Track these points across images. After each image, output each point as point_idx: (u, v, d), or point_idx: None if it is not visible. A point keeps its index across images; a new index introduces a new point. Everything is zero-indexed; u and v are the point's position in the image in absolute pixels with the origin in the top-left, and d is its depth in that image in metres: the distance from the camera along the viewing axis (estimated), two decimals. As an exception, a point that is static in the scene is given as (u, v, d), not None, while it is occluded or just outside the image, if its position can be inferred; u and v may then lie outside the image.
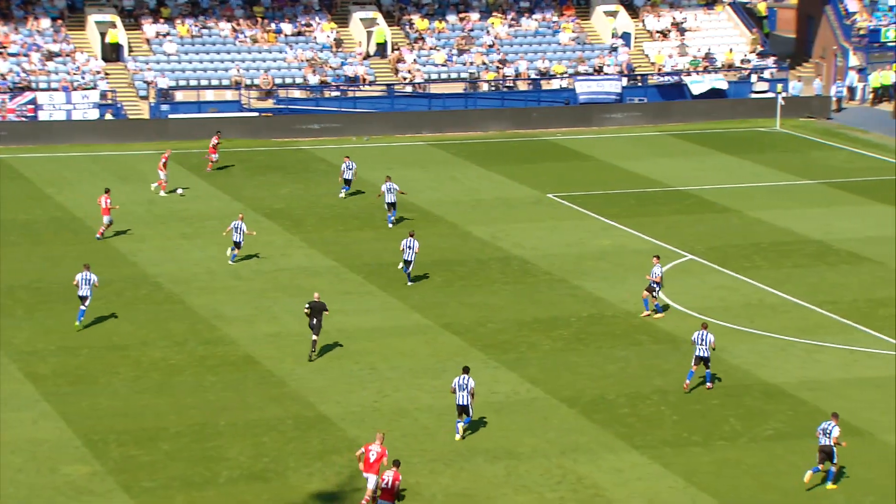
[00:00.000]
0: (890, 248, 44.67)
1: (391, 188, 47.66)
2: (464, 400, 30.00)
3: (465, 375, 30.23)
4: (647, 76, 69.02)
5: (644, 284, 38.66)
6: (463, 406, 30.09)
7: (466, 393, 29.98)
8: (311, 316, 35.03)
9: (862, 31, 70.11)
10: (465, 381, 30.10)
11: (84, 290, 36.88)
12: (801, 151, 60.13)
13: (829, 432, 28.25)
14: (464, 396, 29.99)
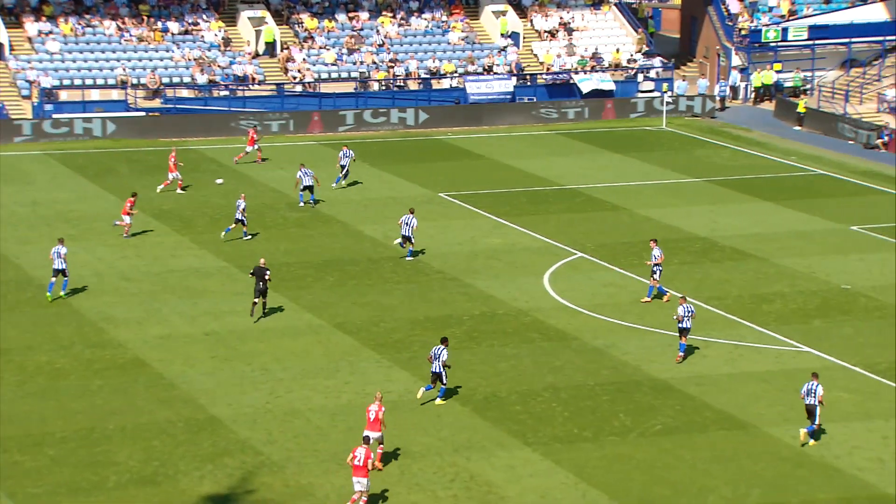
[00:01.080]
0: (773, 245, 45.61)
1: (307, 173, 49.58)
2: (438, 368, 31.92)
3: (440, 346, 32.09)
4: (537, 76, 69.59)
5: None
6: (437, 374, 31.97)
7: (439, 362, 31.85)
8: (256, 280, 37.57)
9: (744, 32, 71.48)
10: (440, 350, 31.95)
11: (58, 264, 38.58)
12: (687, 150, 61.12)
13: (814, 392, 29.76)
14: (437, 365, 31.89)
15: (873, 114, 65.05)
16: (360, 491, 26.72)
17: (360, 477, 26.66)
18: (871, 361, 34.87)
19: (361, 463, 26.62)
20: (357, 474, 26.69)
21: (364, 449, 26.91)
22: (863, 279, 41.80)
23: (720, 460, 29.31)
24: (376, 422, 28.66)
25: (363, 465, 26.59)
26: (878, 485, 28.06)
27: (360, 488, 26.69)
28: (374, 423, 28.67)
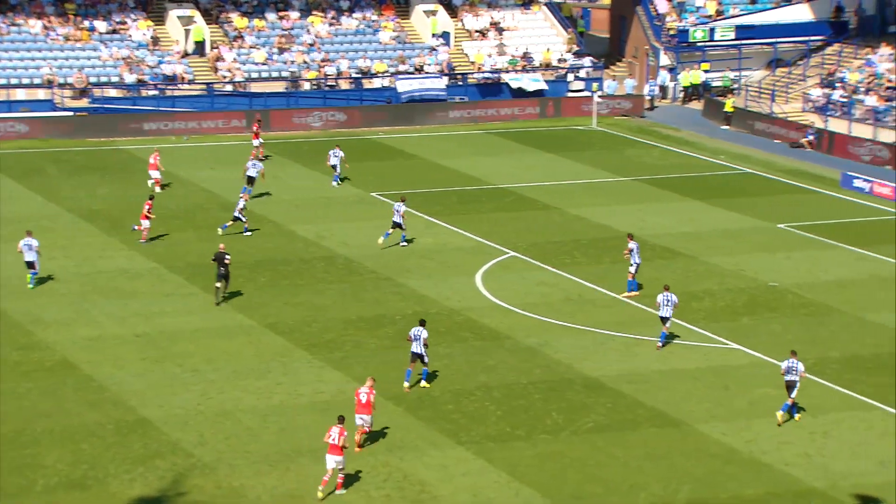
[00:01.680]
0: (702, 243, 46.07)
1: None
2: (418, 349, 32.74)
3: (419, 327, 32.91)
4: (468, 75, 69.73)
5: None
6: (417, 354, 32.77)
7: (420, 343, 32.70)
8: (217, 265, 38.71)
9: (672, 32, 72.12)
10: (419, 332, 32.75)
11: (29, 256, 39.19)
12: (617, 149, 61.55)
13: (795, 369, 30.97)
14: (417, 345, 32.74)
15: (799, 113, 65.92)
16: (332, 468, 27.48)
17: (336, 455, 27.42)
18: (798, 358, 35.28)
19: (337, 442, 27.36)
20: (332, 452, 27.43)
21: (338, 428, 27.55)
22: (790, 277, 42.35)
23: (651, 457, 29.55)
24: (367, 405, 29.36)
25: (338, 443, 27.34)
26: (805, 479, 28.44)
27: (332, 465, 27.48)
28: (364, 406, 29.39)
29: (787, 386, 31.25)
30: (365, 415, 29.43)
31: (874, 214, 50.20)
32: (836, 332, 37.25)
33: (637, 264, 40.10)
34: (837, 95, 64.73)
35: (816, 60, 70.16)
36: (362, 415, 29.42)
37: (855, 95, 63.99)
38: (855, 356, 35.49)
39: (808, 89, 67.57)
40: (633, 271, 40.11)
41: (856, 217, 49.78)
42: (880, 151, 58.17)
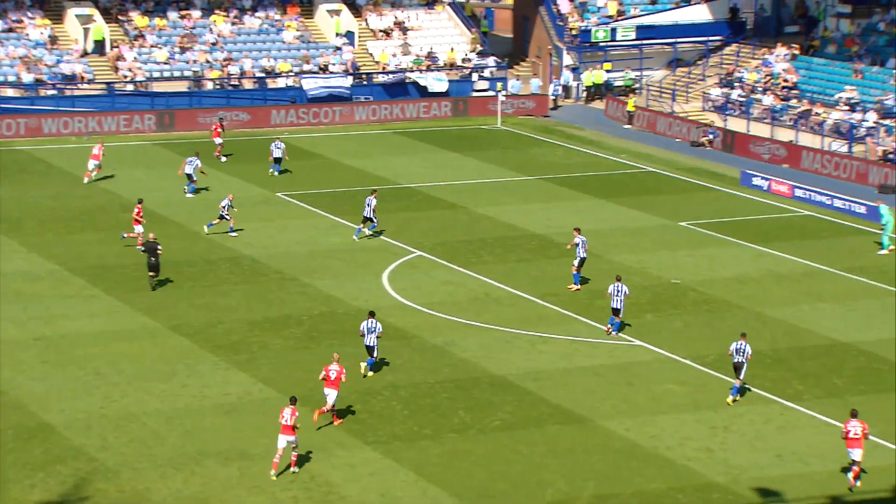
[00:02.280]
0: (606, 241, 46.56)
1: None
2: (371, 342, 33.65)
3: (371, 319, 33.84)
4: (373, 75, 69.71)
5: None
6: (370, 347, 33.74)
7: (374, 336, 33.62)
8: (148, 255, 39.82)
9: (574, 32, 72.78)
10: (374, 324, 33.70)
11: None
12: (522, 148, 61.94)
13: (743, 350, 32.32)
14: (372, 339, 33.61)
15: (699, 112, 66.91)
16: (282, 448, 28.47)
17: (288, 435, 28.43)
18: (700, 354, 35.90)
19: (289, 422, 28.40)
20: (284, 432, 28.41)
21: (290, 409, 28.51)
22: (692, 274, 42.98)
23: (557, 454, 29.83)
24: (336, 381, 30.69)
25: (290, 423, 28.39)
26: (707, 474, 28.91)
27: (283, 445, 28.49)
28: (333, 382, 30.70)
29: (735, 367, 32.56)
30: (332, 390, 30.74)
31: (772, 212, 51.15)
32: (736, 328, 37.86)
33: (582, 258, 40.66)
34: (736, 95, 65.81)
35: (715, 60, 71.26)
36: (331, 390, 30.74)
37: (753, 95, 65.12)
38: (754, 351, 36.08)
39: (707, 89, 68.61)
40: (576, 265, 40.74)
41: (755, 215, 50.67)
42: (778, 150, 59.27)
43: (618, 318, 37.02)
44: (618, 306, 36.73)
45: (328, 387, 30.80)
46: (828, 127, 59.90)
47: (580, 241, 40.72)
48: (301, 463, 28.91)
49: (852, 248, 45.89)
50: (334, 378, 30.74)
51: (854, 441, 28.19)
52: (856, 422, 28.44)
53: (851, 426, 28.40)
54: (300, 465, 28.72)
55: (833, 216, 50.11)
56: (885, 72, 62.15)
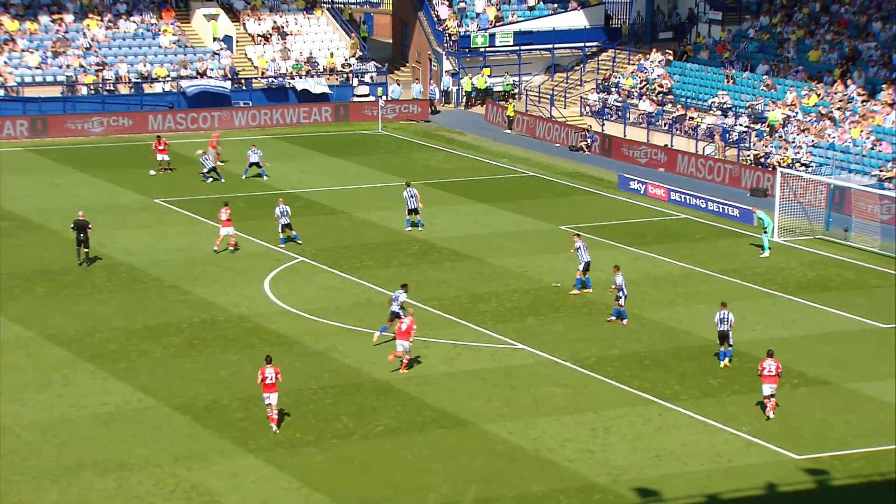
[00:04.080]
0: (487, 245, 46.85)
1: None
2: (396, 308, 36.07)
3: (401, 290, 36.57)
4: (252, 79, 69.20)
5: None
6: (395, 313, 35.94)
7: (398, 303, 36.02)
8: (78, 232, 41.74)
9: (454, 37, 73.13)
10: (400, 294, 36.35)
11: None
12: (403, 153, 62.03)
13: (727, 319, 34.70)
14: (396, 305, 36.06)
15: (577, 117, 67.72)
16: (273, 404, 30.77)
17: (270, 393, 30.63)
18: (581, 356, 36.31)
19: (273, 381, 30.58)
20: (267, 391, 30.63)
21: (272, 368, 30.63)
22: (572, 277, 43.41)
23: (439, 458, 29.92)
24: (408, 332, 33.95)
25: (273, 381, 30.57)
26: (588, 475, 29.24)
27: (272, 402, 30.70)
28: (404, 333, 33.94)
29: (721, 336, 34.99)
30: (403, 341, 33.96)
31: (649, 215, 51.97)
32: (616, 330, 38.40)
33: (586, 262, 40.90)
34: (613, 100, 66.75)
35: (592, 66, 72.19)
36: (402, 341, 33.98)
37: (629, 100, 66.11)
38: (633, 353, 36.67)
39: (585, 94, 69.47)
40: (581, 269, 41.06)
41: (632, 218, 51.43)
42: (656, 154, 60.25)
43: (619, 305, 38.22)
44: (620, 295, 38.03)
45: (399, 338, 34.10)
46: (702, 131, 61.08)
47: (581, 246, 41.02)
48: (279, 420, 31.04)
49: (727, 251, 46.81)
50: (405, 329, 33.87)
51: (769, 378, 31.70)
52: (771, 360, 31.80)
53: (766, 364, 31.77)
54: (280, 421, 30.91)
55: (708, 219, 51.08)
56: (755, 77, 63.61)
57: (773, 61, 64.21)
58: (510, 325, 38.59)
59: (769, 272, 44.08)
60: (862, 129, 56.19)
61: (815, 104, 59.37)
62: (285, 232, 45.83)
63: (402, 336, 34.26)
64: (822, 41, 63.95)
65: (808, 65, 62.77)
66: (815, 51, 63.47)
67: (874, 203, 48.90)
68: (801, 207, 49.38)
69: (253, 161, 55.18)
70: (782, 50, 64.88)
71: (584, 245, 41.31)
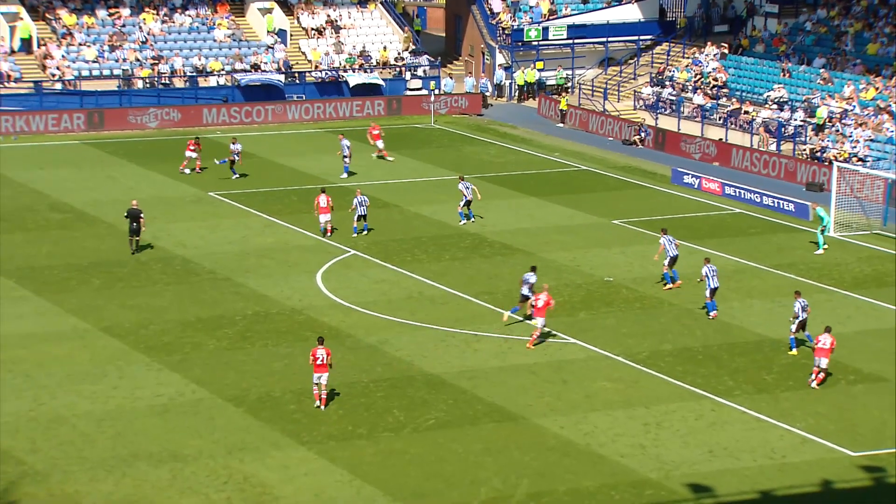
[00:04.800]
0: (539, 239, 46.76)
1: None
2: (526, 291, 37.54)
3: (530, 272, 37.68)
4: (305, 73, 69.46)
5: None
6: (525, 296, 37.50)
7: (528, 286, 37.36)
8: (130, 221, 43.00)
9: (507, 31, 73.01)
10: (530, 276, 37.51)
11: None
12: (455, 147, 62.01)
13: (806, 307, 35.60)
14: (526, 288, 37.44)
15: (630, 111, 67.39)
16: (323, 383, 31.67)
17: (321, 373, 31.59)
18: (633, 351, 36.16)
19: (324, 361, 31.51)
20: (318, 371, 31.61)
21: (323, 349, 31.54)
22: (624, 272, 43.27)
23: (491, 452, 29.91)
24: (544, 307, 35.37)
25: (325, 363, 31.52)
26: (640, 470, 29.13)
27: (320, 381, 31.63)
28: (541, 310, 35.36)
29: (801, 325, 35.63)
30: (539, 318, 35.22)
31: (703, 209, 51.64)
32: (668, 325, 38.22)
33: (672, 257, 40.89)
34: (667, 94, 66.36)
35: (646, 59, 71.80)
36: (538, 317, 35.28)
37: (683, 93, 65.69)
38: (686, 348, 36.47)
39: (638, 87, 69.11)
40: (666, 263, 41.04)
41: (686, 212, 51.13)
42: (708, 148, 59.85)
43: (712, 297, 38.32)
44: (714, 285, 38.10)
45: (536, 315, 35.30)
46: (757, 125, 60.59)
47: (665, 242, 40.94)
48: (329, 400, 31.95)
49: (781, 246, 46.42)
50: (542, 306, 35.05)
51: (822, 351, 33.18)
52: (827, 335, 33.28)
53: (822, 338, 33.33)
54: (329, 401, 31.86)
55: (762, 213, 50.69)
56: (812, 71, 62.98)
57: (831, 54, 63.57)
58: (562, 319, 38.49)
59: (825, 267, 43.66)
60: (920, 122, 55.50)
61: (874, 98, 58.71)
62: (359, 223, 46.13)
63: (539, 313, 35.75)
64: (880, 34, 63.22)
65: (866, 58, 62.07)
66: (873, 44, 62.75)
67: (932, 198, 48.32)
68: (858, 202, 48.87)
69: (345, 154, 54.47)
70: (840, 43, 64.20)
71: (669, 239, 41.23)
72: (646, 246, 46.24)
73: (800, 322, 35.66)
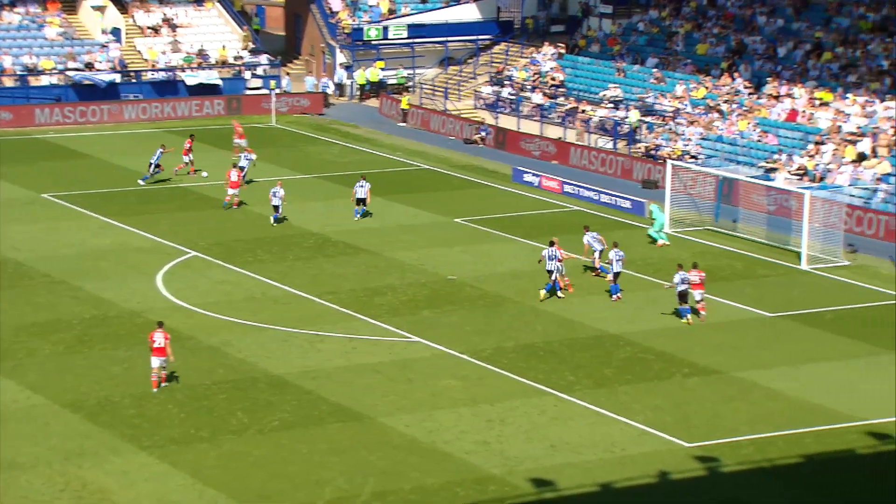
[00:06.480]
0: (383, 238, 46.81)
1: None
2: (551, 267, 39.81)
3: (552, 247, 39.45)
4: (141, 72, 68.27)
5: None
6: (550, 271, 39.83)
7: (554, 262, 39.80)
8: None
9: (346, 30, 72.91)
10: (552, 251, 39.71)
11: None
12: (297, 146, 61.70)
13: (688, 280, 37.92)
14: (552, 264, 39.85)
15: (471, 110, 67.95)
16: (156, 367, 32.18)
17: (160, 356, 32.08)
18: (477, 348, 36.47)
19: (161, 345, 32.01)
20: (156, 354, 32.10)
21: (161, 333, 32.09)
22: (467, 270, 43.61)
23: (336, 452, 29.85)
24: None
25: (162, 346, 32.02)
26: (484, 466, 29.38)
27: (156, 365, 32.22)
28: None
29: (680, 295, 37.99)
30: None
31: (543, 207, 52.37)
32: (511, 322, 38.65)
33: (599, 250, 42.17)
34: (506, 93, 67.12)
35: (485, 59, 72.51)
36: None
37: (522, 93, 66.53)
38: (528, 344, 36.93)
39: (478, 87, 69.73)
40: (597, 256, 42.11)
41: (526, 210, 51.77)
42: (548, 147, 60.72)
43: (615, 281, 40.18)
44: (618, 270, 40.00)
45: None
46: (594, 124, 61.71)
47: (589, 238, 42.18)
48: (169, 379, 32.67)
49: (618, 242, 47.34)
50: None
51: (697, 286, 37.92)
52: (695, 271, 37.98)
53: (693, 275, 37.87)
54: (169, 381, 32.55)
55: (600, 210, 51.63)
56: (645, 70, 64.41)
57: (663, 54, 65.11)
58: (406, 318, 38.61)
59: (661, 263, 44.68)
60: (748, 121, 57.23)
61: (704, 97, 60.33)
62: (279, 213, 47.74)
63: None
64: (709, 34, 65.01)
65: (696, 58, 63.76)
66: (702, 44, 64.49)
67: (761, 194, 49.84)
68: (691, 199, 50.16)
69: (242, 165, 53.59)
70: (671, 43, 65.81)
71: (594, 235, 42.47)
72: (489, 244, 46.69)
73: (680, 293, 37.81)
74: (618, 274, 40.31)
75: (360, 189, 48.85)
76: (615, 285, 40.38)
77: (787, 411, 32.38)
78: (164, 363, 32.46)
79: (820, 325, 38.77)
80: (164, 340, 32.28)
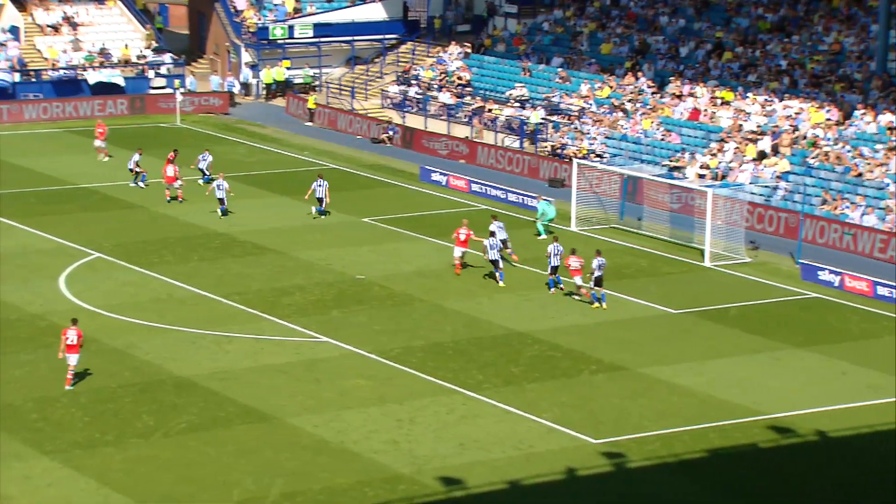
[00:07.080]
0: (290, 238, 46.61)
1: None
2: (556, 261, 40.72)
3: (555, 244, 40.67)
4: (42, 71, 67.19)
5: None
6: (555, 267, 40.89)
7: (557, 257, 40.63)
8: None
9: (251, 29, 72.45)
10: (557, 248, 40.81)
11: None
12: (203, 146, 61.00)
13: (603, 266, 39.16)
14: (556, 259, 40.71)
15: (378, 109, 67.90)
16: (72, 364, 32.37)
17: (71, 354, 32.24)
18: (385, 348, 36.46)
19: (75, 342, 32.14)
20: (70, 351, 32.23)
21: (74, 330, 32.18)
22: (375, 269, 43.59)
23: (244, 453, 29.66)
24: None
25: (76, 343, 32.16)
26: (393, 466, 29.41)
27: (73, 363, 32.38)
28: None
29: (596, 280, 39.34)
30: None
31: (450, 206, 52.51)
32: (419, 321, 38.72)
33: (502, 239, 42.67)
34: (413, 92, 67.17)
35: (392, 58, 72.49)
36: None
37: (429, 92, 66.62)
38: (436, 343, 37.03)
39: (385, 86, 69.69)
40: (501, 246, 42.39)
41: (434, 209, 51.87)
42: (457, 146, 60.88)
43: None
44: (599, 273, 39.72)
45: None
46: (500, 123, 62.00)
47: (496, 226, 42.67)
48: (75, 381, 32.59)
49: (525, 241, 47.63)
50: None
51: (575, 272, 39.51)
52: (574, 258, 39.47)
53: (571, 261, 39.45)
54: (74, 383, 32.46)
55: (507, 209, 51.88)
56: (550, 70, 64.87)
57: (568, 54, 65.63)
58: (314, 318, 38.49)
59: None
60: (652, 120, 57.92)
61: (608, 96, 60.93)
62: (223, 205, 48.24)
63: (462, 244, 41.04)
64: (613, 34, 65.66)
65: (601, 57, 64.36)
66: (606, 44, 65.12)
67: (664, 192, 50.48)
68: (597, 197, 50.63)
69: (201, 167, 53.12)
70: (576, 43, 66.36)
71: (500, 225, 43.07)
72: (396, 243, 46.71)
73: (596, 279, 39.32)
74: (555, 268, 41.01)
75: (319, 188, 48.64)
76: (551, 279, 41.21)
77: (692, 406, 32.85)
78: (77, 361, 32.57)
79: (724, 321, 39.38)
80: (76, 338, 32.31)
